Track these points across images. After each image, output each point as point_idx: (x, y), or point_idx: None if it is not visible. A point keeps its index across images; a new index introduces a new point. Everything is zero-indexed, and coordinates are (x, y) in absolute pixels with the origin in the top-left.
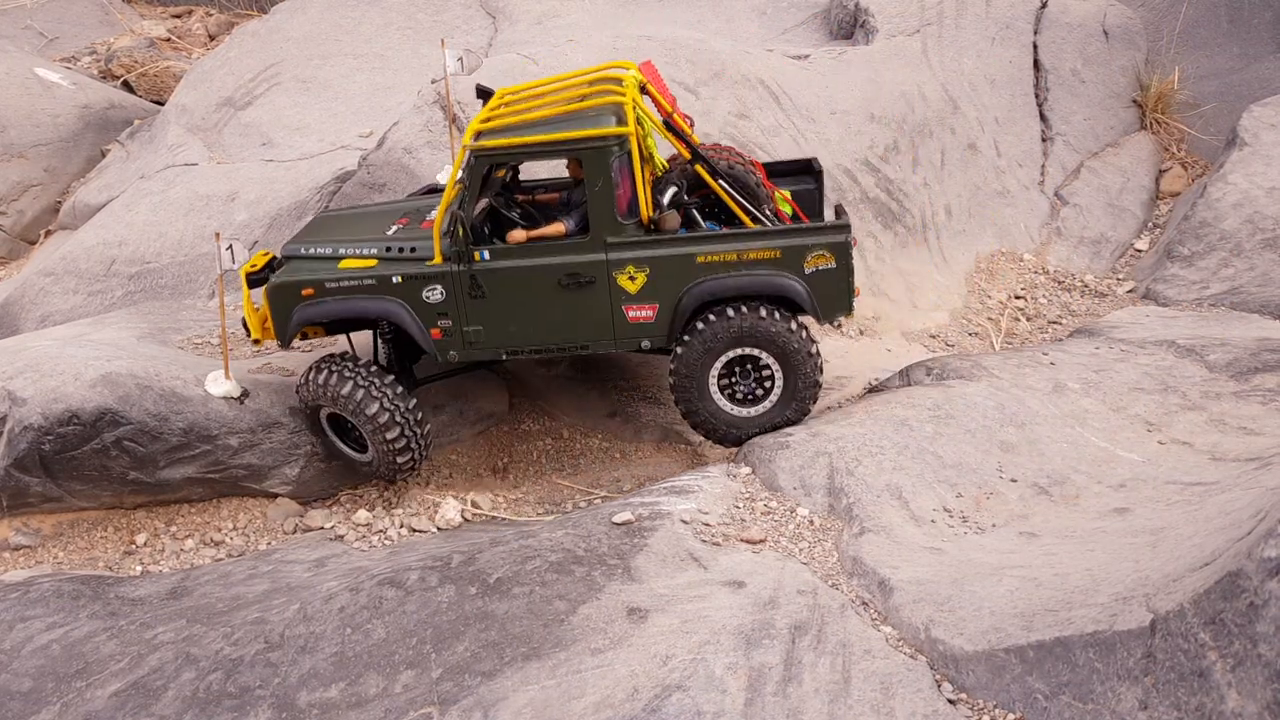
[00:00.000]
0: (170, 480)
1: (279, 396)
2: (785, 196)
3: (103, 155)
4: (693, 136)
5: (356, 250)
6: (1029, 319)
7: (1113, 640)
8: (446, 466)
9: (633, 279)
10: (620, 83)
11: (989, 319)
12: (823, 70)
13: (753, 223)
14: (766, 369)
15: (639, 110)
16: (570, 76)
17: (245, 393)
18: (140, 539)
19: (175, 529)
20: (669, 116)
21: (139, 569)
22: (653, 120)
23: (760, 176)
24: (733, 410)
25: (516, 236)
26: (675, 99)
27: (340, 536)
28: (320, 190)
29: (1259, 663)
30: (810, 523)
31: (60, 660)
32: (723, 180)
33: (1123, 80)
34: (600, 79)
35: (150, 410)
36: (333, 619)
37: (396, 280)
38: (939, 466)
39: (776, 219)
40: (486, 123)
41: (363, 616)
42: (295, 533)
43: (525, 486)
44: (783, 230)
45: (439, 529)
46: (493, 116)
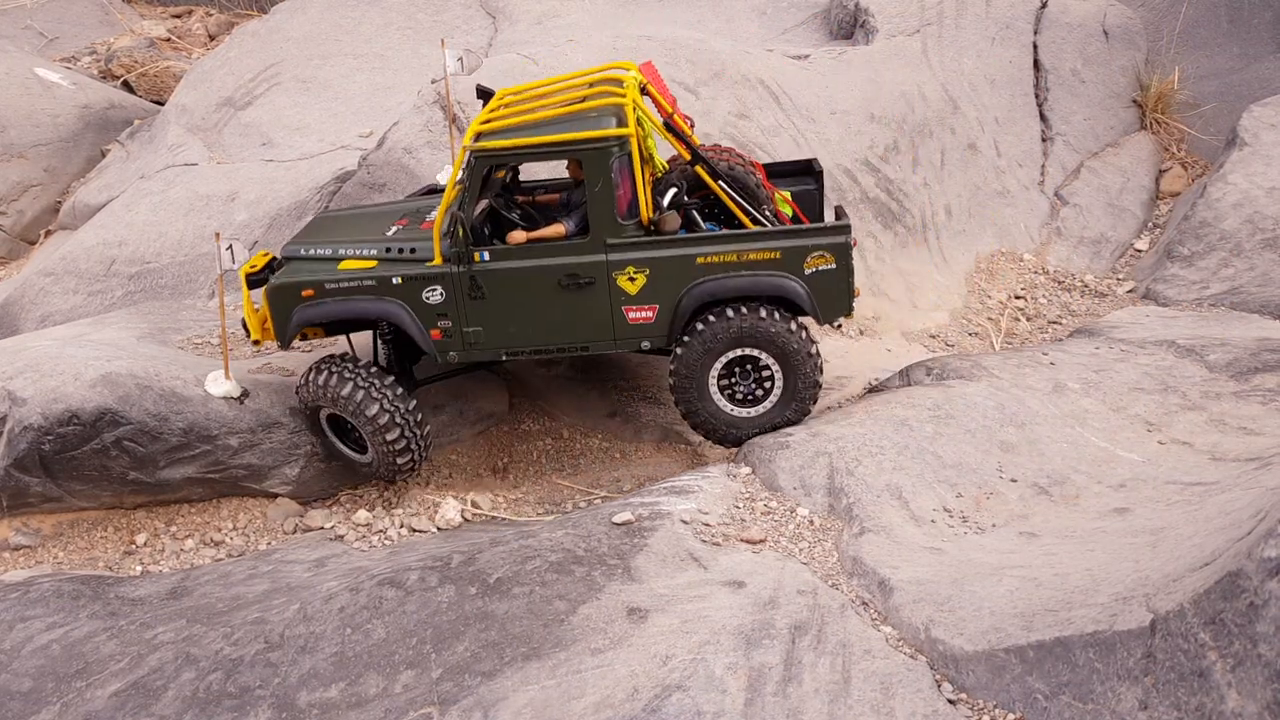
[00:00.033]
0: (170, 480)
1: (279, 397)
2: (785, 197)
3: (103, 155)
4: (693, 137)
5: (356, 251)
6: (1029, 319)
7: (1113, 640)
8: (446, 466)
9: (633, 280)
10: (621, 84)
11: (989, 319)
12: (823, 70)
13: (753, 224)
14: (766, 369)
15: (639, 111)
16: (570, 77)
17: (245, 393)
18: (140, 539)
19: (175, 529)
20: (669, 117)
21: (139, 569)
22: (653, 121)
23: (760, 177)
24: (733, 410)
25: (516, 237)
26: (675, 99)
27: (340, 536)
28: (320, 190)
29: (1259, 663)
30: (810, 523)
31: (60, 660)
32: (723, 181)
33: (1123, 80)
34: (601, 80)
35: (150, 410)
36: (333, 619)
37: (396, 281)
38: (939, 466)
39: (776, 220)
40: (487, 124)
41: (363, 616)
42: (295, 533)
43: (525, 486)
44: (783, 231)
45: (439, 529)
46: (493, 117)
